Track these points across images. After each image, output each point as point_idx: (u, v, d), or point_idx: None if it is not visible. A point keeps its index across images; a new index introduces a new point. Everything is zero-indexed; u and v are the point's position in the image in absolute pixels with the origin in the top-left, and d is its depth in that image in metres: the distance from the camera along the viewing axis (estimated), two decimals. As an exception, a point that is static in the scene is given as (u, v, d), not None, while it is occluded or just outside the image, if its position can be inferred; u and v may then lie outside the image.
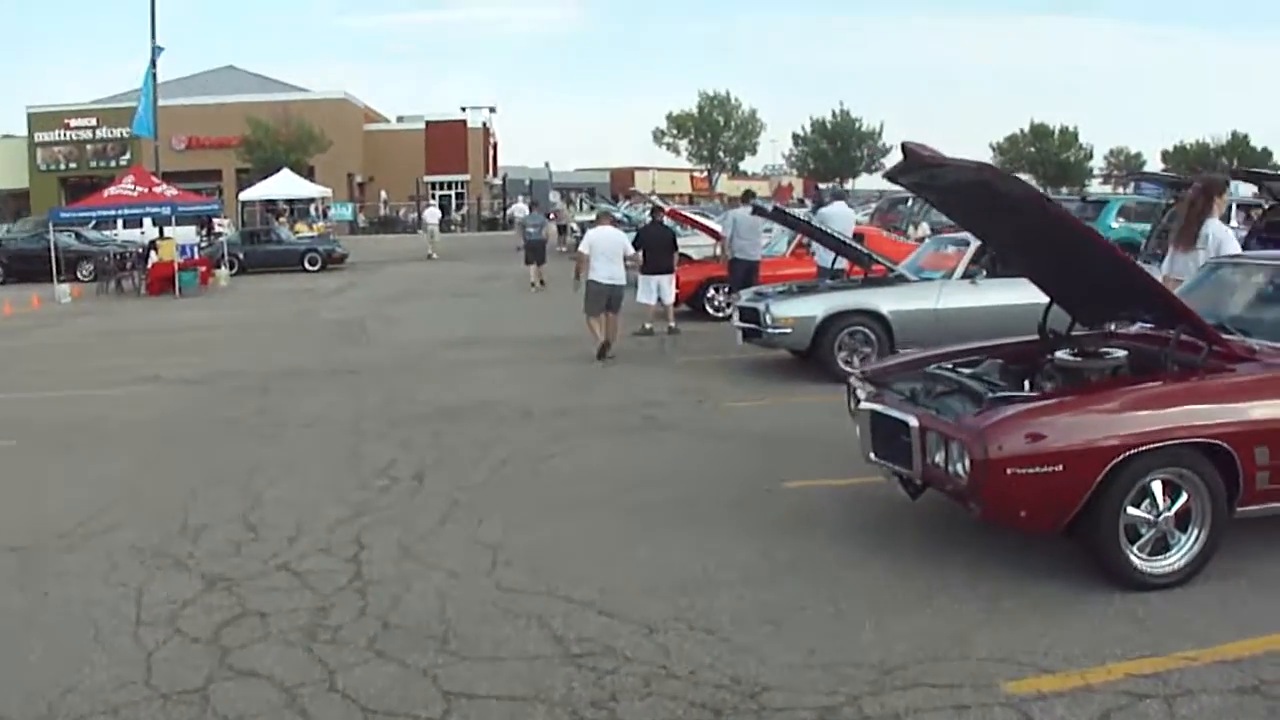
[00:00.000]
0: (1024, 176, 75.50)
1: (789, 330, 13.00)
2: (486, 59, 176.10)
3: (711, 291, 20.11)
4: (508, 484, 8.78)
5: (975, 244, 13.72)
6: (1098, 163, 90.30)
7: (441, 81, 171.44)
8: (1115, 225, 25.16)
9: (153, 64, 36.18)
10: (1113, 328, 7.96)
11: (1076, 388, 6.59)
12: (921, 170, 6.58)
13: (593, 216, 25.50)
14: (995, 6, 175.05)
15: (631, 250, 16.28)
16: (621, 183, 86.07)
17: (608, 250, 15.47)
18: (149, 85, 36.06)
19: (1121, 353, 6.99)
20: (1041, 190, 7.23)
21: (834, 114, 78.10)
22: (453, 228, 63.18)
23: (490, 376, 14.25)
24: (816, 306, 13.03)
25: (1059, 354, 7.13)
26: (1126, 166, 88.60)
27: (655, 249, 17.82)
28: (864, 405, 6.83)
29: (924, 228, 30.70)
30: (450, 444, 10.21)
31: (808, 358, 13.28)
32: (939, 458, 6.17)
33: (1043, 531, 6.29)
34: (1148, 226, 23.84)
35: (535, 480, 8.89)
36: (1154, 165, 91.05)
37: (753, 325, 13.55)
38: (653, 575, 6.55)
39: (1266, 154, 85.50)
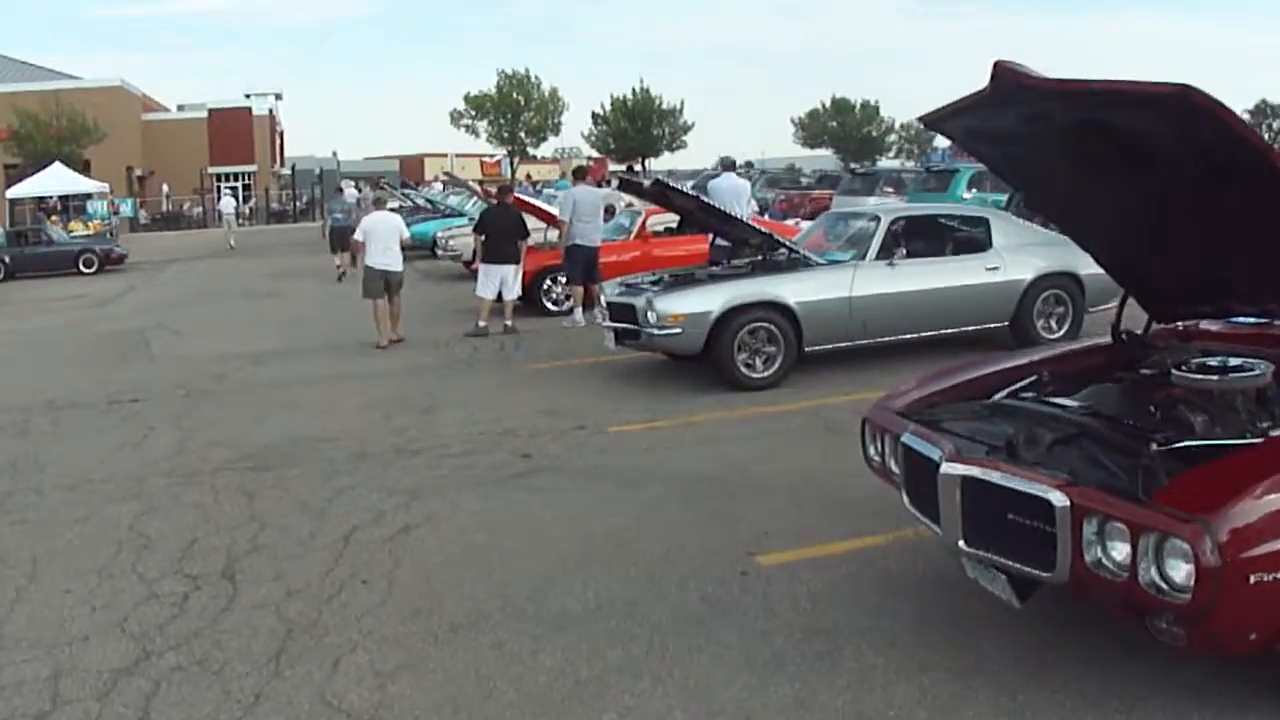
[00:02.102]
0: (826, 152, 74.43)
1: (678, 330, 10.36)
2: (270, 47, 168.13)
3: (548, 283, 17.20)
4: (360, 582, 5.90)
5: (887, 219, 11.47)
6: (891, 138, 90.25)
7: (224, 71, 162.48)
8: (967, 196, 23.51)
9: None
10: (1180, 326, 5.75)
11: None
12: (1021, 103, 4.17)
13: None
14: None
15: (407, 234, 15.82)
16: (411, 170, 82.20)
17: (383, 236, 14.81)
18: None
19: (1262, 364, 4.69)
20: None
21: (634, 92, 74.17)
22: (241, 221, 58.41)
23: (306, 400, 11.26)
24: (711, 300, 10.44)
25: (1176, 371, 4.78)
26: (916, 142, 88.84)
27: (499, 235, 15.18)
28: (953, 469, 4.28)
29: (752, 205, 28.60)
30: (268, 510, 7.30)
31: (701, 361, 10.75)
32: (1114, 556, 3.71)
33: (1259, 655, 3.93)
34: (1002, 196, 22.39)
35: (398, 574, 6.01)
36: (945, 141, 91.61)
37: (628, 324, 10.92)
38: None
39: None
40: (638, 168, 62.45)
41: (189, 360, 14.25)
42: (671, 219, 18.85)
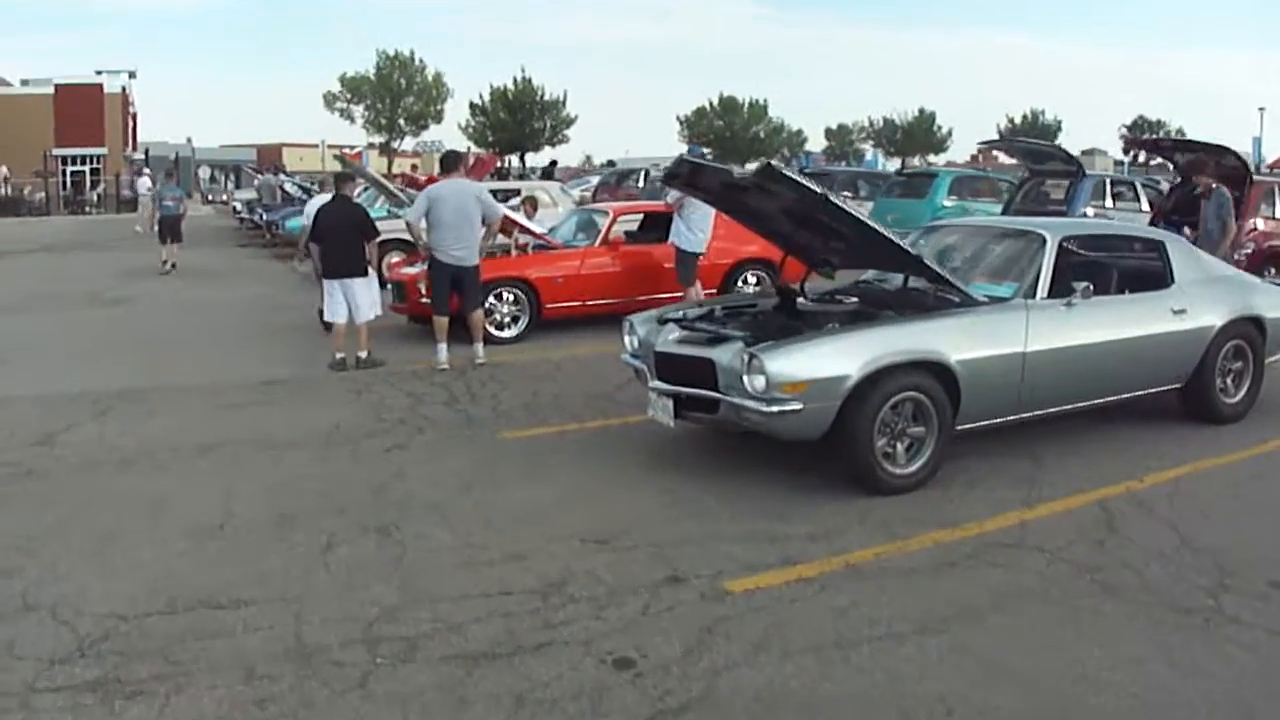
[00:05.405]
0: (707, 151, 72.54)
1: (796, 405, 6.45)
2: (122, 28, 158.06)
3: (491, 300, 12.63)
4: None
5: (1055, 238, 7.84)
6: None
7: (73, 53, 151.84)
8: (947, 204, 20.34)
9: None
10: None
11: None
12: None
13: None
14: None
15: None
16: (269, 159, 77.22)
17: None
18: None
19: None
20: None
21: (515, 82, 68.35)
22: (88, 209, 52.72)
23: (184, 495, 7.03)
24: (846, 358, 6.54)
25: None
26: (788, 143, 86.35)
27: (335, 238, 11.47)
28: None
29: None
30: None
31: (829, 446, 6.83)
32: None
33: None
34: (987, 204, 19.70)
35: None
36: (818, 142, 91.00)
37: (704, 390, 6.99)
38: None
39: (938, 131, 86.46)
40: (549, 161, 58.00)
41: (7, 406, 9.87)
42: (633, 220, 15.28)
